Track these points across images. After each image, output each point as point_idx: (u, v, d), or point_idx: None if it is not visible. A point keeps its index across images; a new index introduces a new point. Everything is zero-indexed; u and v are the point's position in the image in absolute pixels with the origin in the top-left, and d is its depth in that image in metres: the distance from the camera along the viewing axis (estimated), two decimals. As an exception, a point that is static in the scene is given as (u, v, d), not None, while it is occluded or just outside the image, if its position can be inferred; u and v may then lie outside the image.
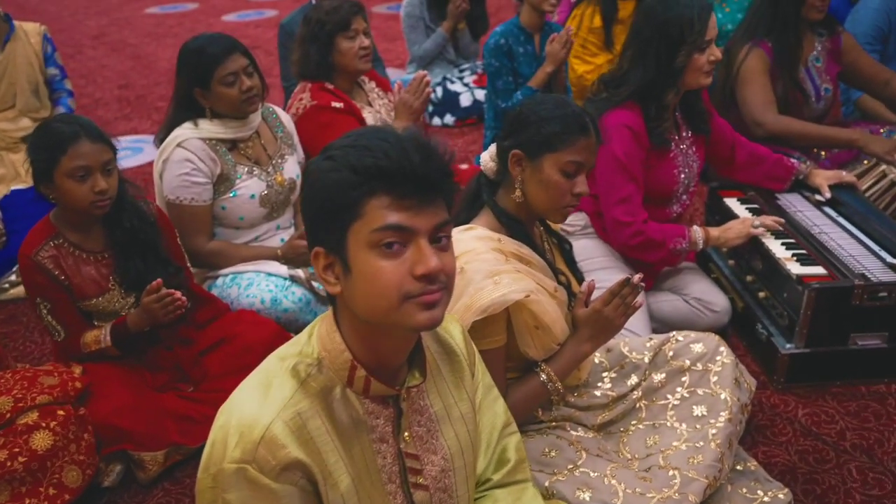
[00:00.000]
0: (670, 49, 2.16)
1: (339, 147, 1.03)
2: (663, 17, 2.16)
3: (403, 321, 1.00)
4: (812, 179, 2.59)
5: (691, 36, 2.13)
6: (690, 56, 2.16)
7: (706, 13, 2.15)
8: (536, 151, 1.59)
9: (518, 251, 1.64)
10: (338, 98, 2.80)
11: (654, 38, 2.18)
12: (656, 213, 2.39)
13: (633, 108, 2.24)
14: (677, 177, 2.35)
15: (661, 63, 2.18)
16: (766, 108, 2.84)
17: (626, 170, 2.24)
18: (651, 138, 2.25)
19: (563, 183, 1.59)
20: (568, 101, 1.64)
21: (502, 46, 3.41)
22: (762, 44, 2.88)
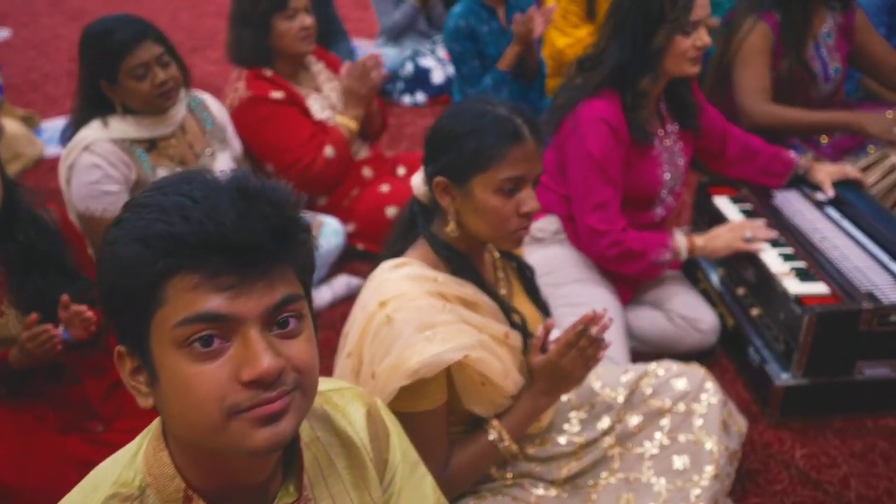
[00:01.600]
0: (648, 27, 1.86)
1: (133, 206, 0.74)
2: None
3: (234, 443, 0.73)
4: (813, 175, 2.29)
5: (673, 13, 1.82)
6: (671, 38, 1.86)
7: None
8: (462, 175, 1.30)
9: (460, 293, 1.36)
10: (277, 86, 2.49)
11: (632, 11, 1.87)
12: (637, 217, 2.10)
13: (612, 98, 1.94)
14: (661, 177, 2.05)
15: (636, 43, 1.87)
16: (757, 96, 2.54)
17: (603, 171, 1.94)
18: (631, 132, 1.95)
19: (502, 205, 1.29)
20: (491, 102, 1.32)
21: (462, 29, 3.08)
22: (767, 16, 2.56)
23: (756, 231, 2.03)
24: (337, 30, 4.05)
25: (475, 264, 1.40)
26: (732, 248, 2.03)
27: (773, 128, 2.57)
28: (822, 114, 2.56)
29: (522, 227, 1.32)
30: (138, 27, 1.99)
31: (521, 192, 1.30)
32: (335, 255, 2.47)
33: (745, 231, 2.03)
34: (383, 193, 2.63)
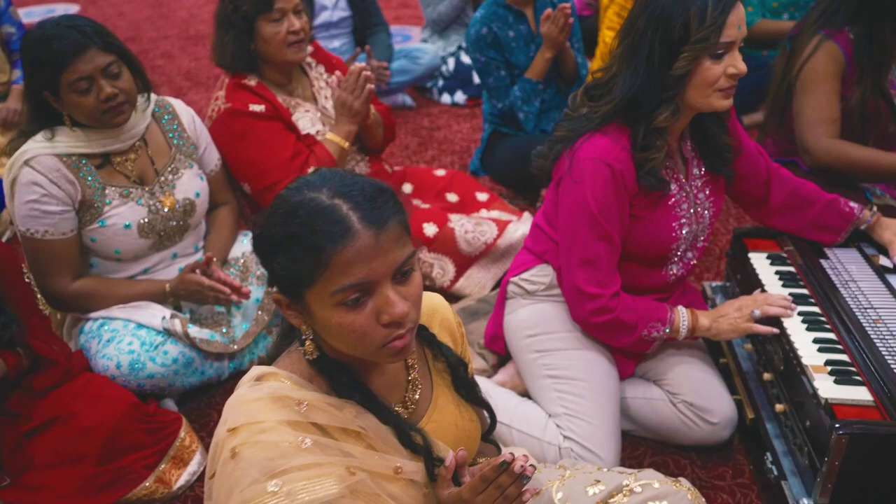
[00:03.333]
0: (668, 47, 1.50)
1: None
2: (666, 1, 1.49)
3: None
4: (878, 232, 1.88)
5: (700, 31, 1.46)
6: (696, 62, 1.49)
7: (729, 4, 1.47)
8: (290, 291, 1.02)
9: (335, 419, 1.05)
10: (258, 98, 2.23)
11: (649, 29, 1.52)
12: (645, 276, 1.76)
13: (619, 136, 1.60)
14: (677, 231, 1.69)
15: (653, 68, 1.52)
16: (819, 129, 2.13)
17: (598, 223, 1.61)
18: (639, 178, 1.60)
19: (352, 321, 0.99)
20: (313, 187, 1.00)
21: (485, 37, 2.74)
22: (839, 35, 2.14)
23: (768, 307, 1.65)
24: (376, 21, 3.77)
25: (364, 374, 1.11)
26: (740, 331, 1.66)
27: (838, 168, 2.16)
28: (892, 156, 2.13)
29: (396, 338, 1.01)
30: (79, 35, 1.77)
31: (375, 297, 0.99)
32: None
33: (754, 308, 1.65)
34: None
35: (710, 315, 1.71)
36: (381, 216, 0.98)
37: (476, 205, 2.52)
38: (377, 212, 0.98)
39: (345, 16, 3.67)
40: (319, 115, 2.36)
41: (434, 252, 2.30)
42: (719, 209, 1.80)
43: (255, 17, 2.19)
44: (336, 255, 0.96)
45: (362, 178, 1.04)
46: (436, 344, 1.24)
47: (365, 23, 3.74)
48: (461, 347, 1.32)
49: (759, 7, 3.47)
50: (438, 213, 2.34)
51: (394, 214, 1.00)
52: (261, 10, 2.18)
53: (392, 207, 1.01)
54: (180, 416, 1.85)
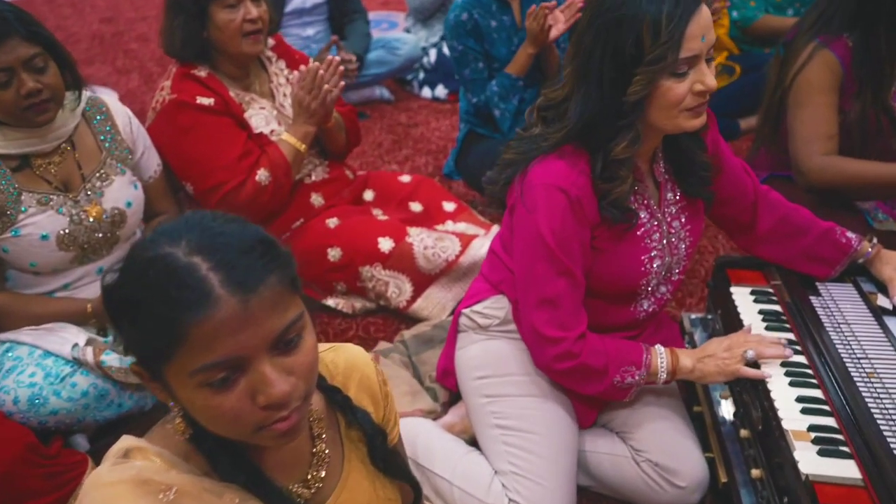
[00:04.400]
0: (619, 70, 1.29)
1: None
2: (613, 15, 1.28)
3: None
4: (879, 267, 1.67)
5: (655, 49, 1.24)
6: (654, 83, 1.28)
7: (688, 10, 1.25)
8: (146, 364, 0.83)
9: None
10: (207, 90, 2.03)
11: (597, 48, 1.30)
12: (613, 313, 1.55)
13: (576, 159, 1.39)
14: (647, 265, 1.49)
15: (604, 93, 1.31)
16: (813, 146, 1.92)
17: (556, 258, 1.40)
18: (601, 208, 1.40)
19: (220, 403, 0.79)
20: (171, 239, 0.80)
21: (465, 23, 2.52)
22: (835, 43, 1.92)
23: (763, 349, 1.45)
24: (354, 8, 3.54)
25: (254, 450, 0.91)
26: (728, 374, 1.46)
27: (836, 186, 1.95)
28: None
29: (278, 421, 0.82)
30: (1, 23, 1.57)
31: (249, 374, 0.79)
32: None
33: (745, 349, 1.45)
34: (329, 229, 2.15)
35: (694, 355, 1.50)
36: (250, 277, 0.78)
37: (442, 215, 2.31)
38: (246, 272, 0.78)
39: (319, 2, 3.44)
40: (275, 114, 2.15)
41: (390, 269, 2.10)
42: (697, 238, 1.59)
43: (208, 2, 1.98)
44: (193, 328, 0.76)
45: (235, 226, 0.83)
46: (350, 409, 1.04)
47: (341, 10, 3.52)
48: (384, 411, 1.12)
49: (762, 2, 3.24)
50: (396, 227, 2.13)
51: (270, 273, 0.80)
52: None
53: (269, 264, 0.81)
54: (86, 458, 1.66)
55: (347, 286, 2.14)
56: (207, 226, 0.82)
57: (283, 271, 0.83)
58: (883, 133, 1.99)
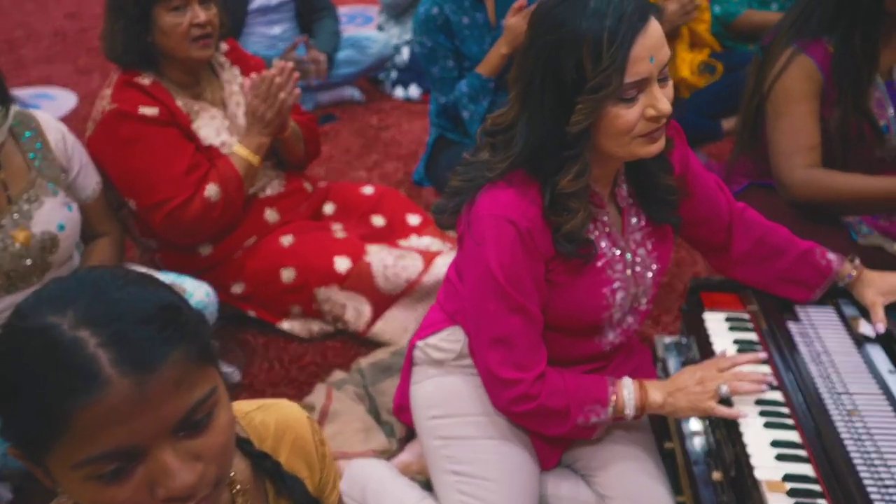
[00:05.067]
0: (559, 99, 1.17)
1: None
2: (551, 37, 1.16)
3: None
4: (861, 290, 1.56)
5: (597, 76, 1.13)
6: (599, 110, 1.16)
7: (633, 29, 1.13)
8: (26, 451, 0.71)
9: None
10: (151, 99, 1.90)
11: (537, 74, 1.19)
12: (576, 347, 1.44)
13: (527, 186, 1.28)
14: (609, 298, 1.37)
15: (546, 120, 1.19)
16: (795, 159, 1.81)
17: (507, 295, 1.28)
18: (555, 241, 1.28)
19: (112, 497, 0.68)
20: (57, 308, 0.68)
21: (435, 18, 2.39)
22: (812, 46, 1.81)
23: (739, 384, 1.34)
24: (322, 5, 3.41)
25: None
26: (701, 410, 1.35)
27: (821, 201, 1.84)
28: (883, 181, 1.79)
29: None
30: None
31: (148, 463, 0.68)
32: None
33: (719, 383, 1.34)
34: (282, 248, 2.03)
35: (665, 388, 1.39)
36: (148, 354, 0.67)
37: (405, 230, 2.19)
38: (143, 348, 0.67)
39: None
40: (227, 124, 2.02)
41: (347, 290, 1.98)
42: (666, 265, 1.48)
43: (152, 4, 1.85)
44: (77, 416, 0.65)
45: (134, 290, 0.71)
46: (280, 477, 0.93)
47: (309, 7, 3.38)
48: (321, 475, 1.01)
49: None
50: (354, 244, 2.01)
51: (173, 347, 0.69)
52: None
53: (171, 336, 0.69)
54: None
55: (303, 309, 2.02)
56: (102, 290, 0.70)
57: (191, 343, 0.71)
58: (864, 141, 1.88)
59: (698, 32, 2.98)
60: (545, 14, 1.19)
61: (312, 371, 1.97)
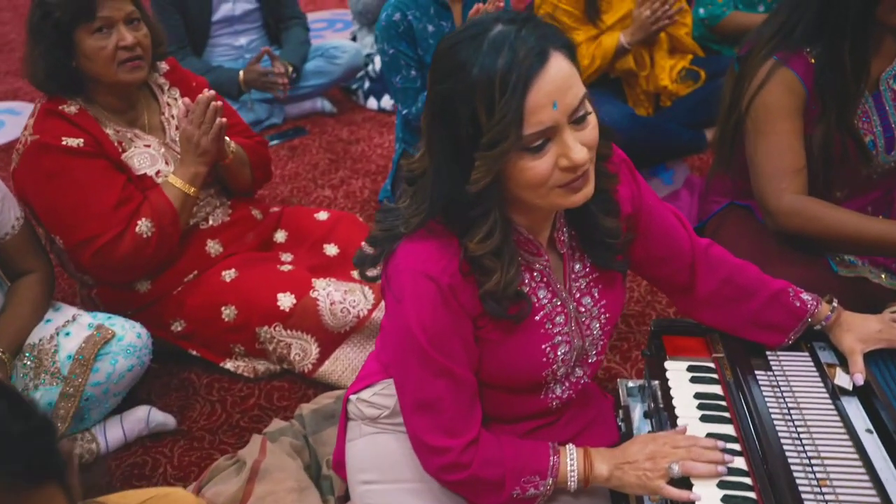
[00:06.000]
0: (458, 152, 1.04)
1: None
2: (445, 85, 1.03)
3: None
4: (838, 335, 1.41)
5: (491, 129, 0.99)
6: (500, 165, 1.02)
7: (528, 73, 0.98)
8: None
9: None
10: (76, 129, 1.77)
11: (434, 124, 1.06)
12: (520, 404, 1.32)
13: (450, 237, 1.14)
14: (549, 355, 1.24)
15: (445, 174, 1.07)
16: (781, 183, 1.68)
17: (429, 358, 1.15)
18: (483, 302, 1.14)
19: None
20: None
21: (396, 24, 2.25)
22: (795, 59, 1.67)
23: (692, 465, 1.19)
24: (290, 14, 3.27)
25: None
26: (650, 490, 1.21)
27: (808, 234, 1.71)
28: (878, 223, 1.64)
29: None
30: None
31: None
32: (127, 383, 1.74)
33: (671, 460, 1.20)
34: (224, 284, 1.89)
35: (613, 459, 1.25)
36: None
37: (360, 258, 2.05)
38: None
39: (250, 8, 3.17)
40: (163, 151, 1.89)
41: (292, 329, 1.84)
42: (616, 312, 1.34)
43: (73, 28, 1.72)
44: None
45: None
46: None
47: (276, 16, 3.26)
48: None
49: None
50: (299, 279, 1.87)
51: None
52: (79, 20, 1.72)
53: None
54: None
55: (246, 348, 1.89)
56: None
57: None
58: (849, 159, 1.73)
59: (678, 37, 2.83)
60: (442, 55, 1.05)
61: (255, 416, 1.84)
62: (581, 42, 2.67)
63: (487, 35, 1.01)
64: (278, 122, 3.31)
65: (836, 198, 1.85)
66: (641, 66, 2.75)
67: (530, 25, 1.02)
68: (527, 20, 1.03)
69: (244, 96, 3.13)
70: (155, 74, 1.95)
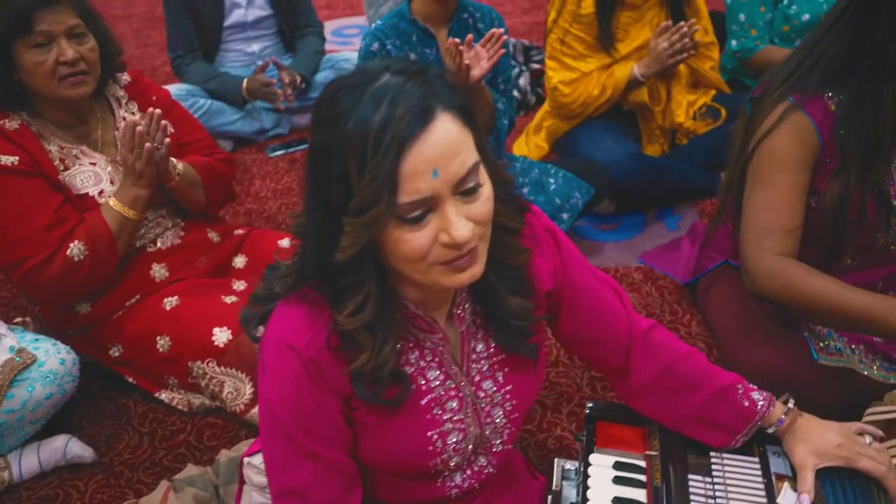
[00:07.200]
0: (328, 214, 0.92)
1: None
2: (321, 136, 0.90)
3: None
4: (791, 444, 1.23)
5: (362, 191, 0.86)
6: (371, 229, 0.89)
7: (407, 132, 0.85)
8: None
9: None
10: (12, 146, 1.71)
11: (311, 180, 0.94)
12: (415, 490, 1.19)
13: (324, 306, 1.01)
14: (437, 443, 1.10)
15: (316, 237, 0.95)
16: (766, 240, 1.52)
17: (292, 439, 1.03)
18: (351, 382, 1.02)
19: None
20: None
21: (375, 54, 2.13)
22: (813, 103, 1.50)
23: None
24: (306, 22, 3.19)
25: None
26: None
27: (784, 301, 1.52)
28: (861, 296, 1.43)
29: None
30: None
31: None
32: (44, 411, 1.66)
33: None
34: (163, 312, 1.80)
35: None
36: None
37: (316, 291, 1.93)
38: None
39: (263, 15, 3.10)
40: (110, 170, 1.81)
41: (225, 366, 1.74)
42: (526, 398, 1.18)
43: (11, 42, 1.66)
44: None
45: None
46: None
47: (291, 23, 3.18)
48: None
49: (765, 30, 2.73)
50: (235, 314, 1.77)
51: None
52: (16, 34, 1.65)
53: None
54: None
55: (179, 382, 1.80)
56: None
57: None
58: (866, 223, 1.52)
59: (702, 72, 2.62)
60: (323, 102, 0.92)
61: (180, 454, 1.74)
62: (592, 70, 2.50)
63: (372, 85, 0.88)
64: (284, 132, 3.23)
65: (846, 266, 1.65)
66: (656, 100, 2.57)
67: (419, 79, 0.89)
68: (418, 73, 0.90)
69: (248, 105, 3.06)
70: (115, 87, 1.88)
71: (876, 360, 1.58)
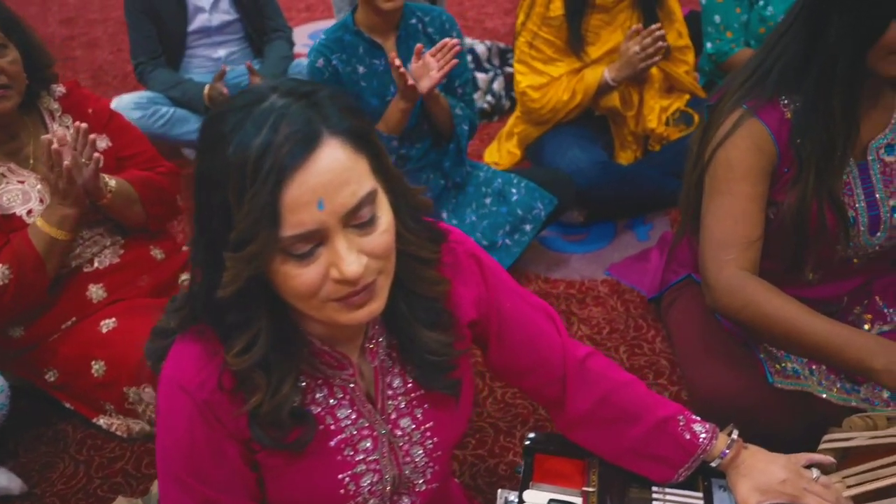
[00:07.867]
0: (210, 246, 0.85)
1: None
2: (204, 161, 0.83)
3: None
4: (734, 479, 1.16)
5: (243, 212, 0.78)
6: (253, 265, 0.81)
7: (290, 161, 0.78)
8: None
9: None
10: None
11: (196, 209, 0.87)
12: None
13: (214, 346, 0.93)
14: (350, 486, 1.03)
15: (203, 265, 0.88)
16: (725, 253, 1.45)
17: (186, 486, 0.96)
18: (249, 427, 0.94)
19: None
20: None
21: (321, 71, 2.06)
22: (767, 109, 1.43)
23: None
24: (273, 26, 3.11)
25: None
26: None
27: (743, 320, 1.44)
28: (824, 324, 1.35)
29: None
30: None
31: None
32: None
33: None
34: (99, 335, 1.72)
35: None
36: None
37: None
38: None
39: (229, 19, 3.02)
40: (40, 188, 1.74)
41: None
42: (449, 437, 1.11)
43: None
44: None
45: None
46: None
47: (258, 28, 3.09)
48: None
49: (741, 32, 2.66)
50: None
51: None
52: None
53: None
54: None
55: (115, 407, 1.73)
56: None
57: None
58: (826, 234, 1.45)
59: (676, 76, 2.54)
60: (208, 123, 0.85)
61: (116, 483, 1.67)
62: (562, 75, 2.43)
63: (257, 107, 0.81)
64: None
65: (808, 280, 1.58)
66: (628, 105, 2.49)
67: (307, 101, 0.82)
68: (306, 94, 0.83)
69: (212, 113, 2.98)
70: (48, 99, 1.81)
71: (837, 381, 1.51)
